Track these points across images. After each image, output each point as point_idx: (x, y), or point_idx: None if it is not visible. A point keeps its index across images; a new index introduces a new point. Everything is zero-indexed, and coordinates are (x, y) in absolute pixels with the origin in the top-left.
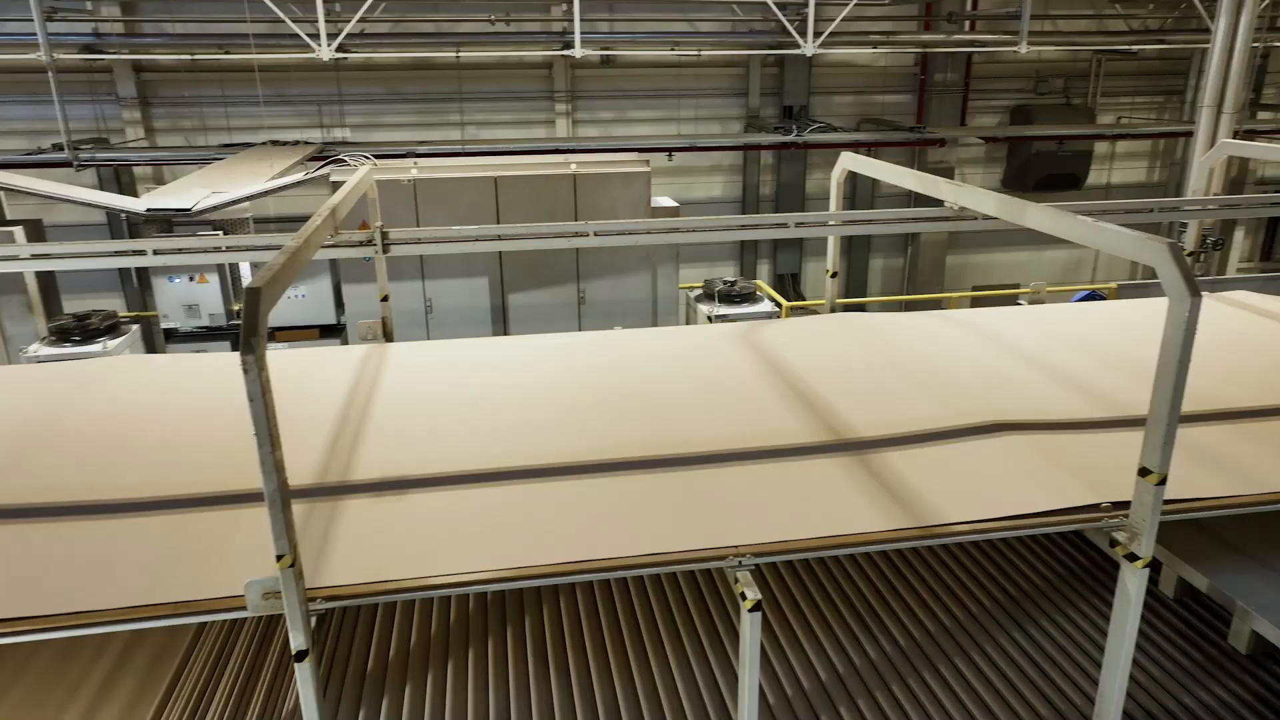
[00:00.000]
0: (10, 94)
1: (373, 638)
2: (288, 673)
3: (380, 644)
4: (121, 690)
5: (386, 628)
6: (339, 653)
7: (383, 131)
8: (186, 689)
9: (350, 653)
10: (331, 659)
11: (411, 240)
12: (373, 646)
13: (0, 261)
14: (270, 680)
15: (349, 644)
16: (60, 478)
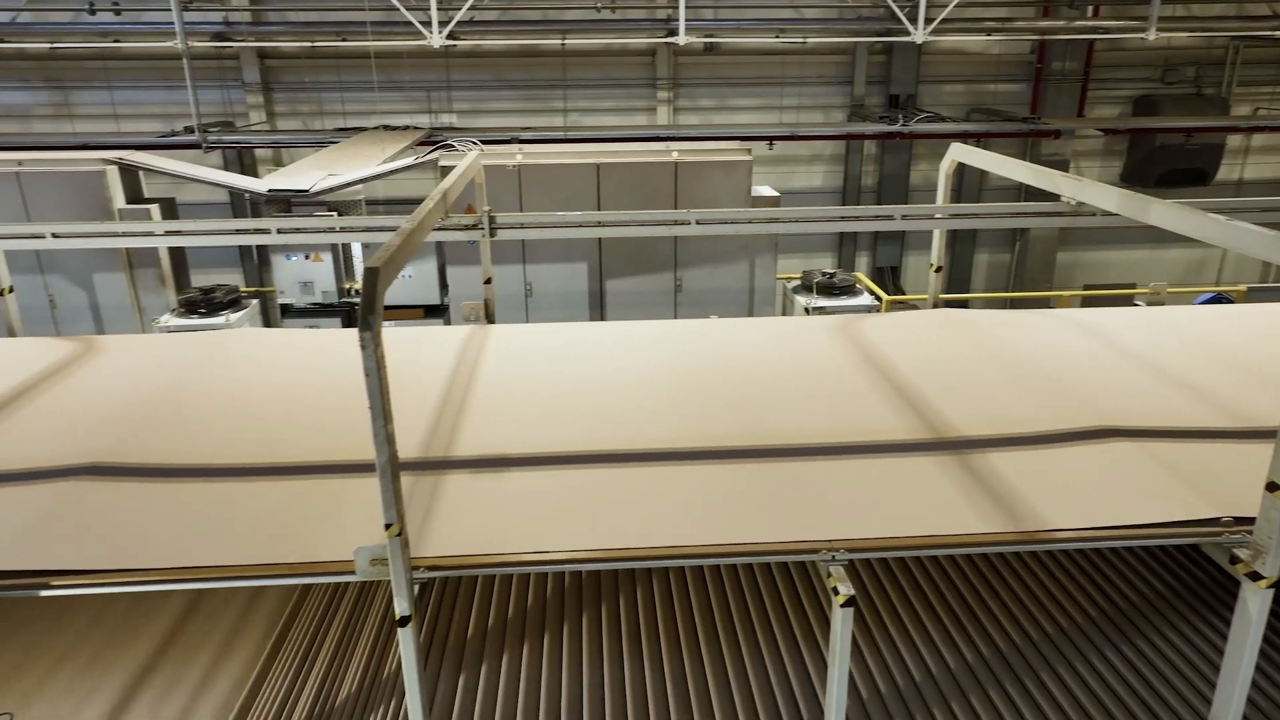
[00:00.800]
0: (148, 79)
1: (472, 608)
2: (388, 637)
3: (478, 614)
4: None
5: (485, 599)
6: (437, 621)
7: (488, 117)
8: (292, 646)
9: (448, 621)
10: (433, 626)
11: (517, 225)
12: (472, 616)
13: (139, 237)
14: (371, 643)
15: (447, 613)
16: (187, 441)
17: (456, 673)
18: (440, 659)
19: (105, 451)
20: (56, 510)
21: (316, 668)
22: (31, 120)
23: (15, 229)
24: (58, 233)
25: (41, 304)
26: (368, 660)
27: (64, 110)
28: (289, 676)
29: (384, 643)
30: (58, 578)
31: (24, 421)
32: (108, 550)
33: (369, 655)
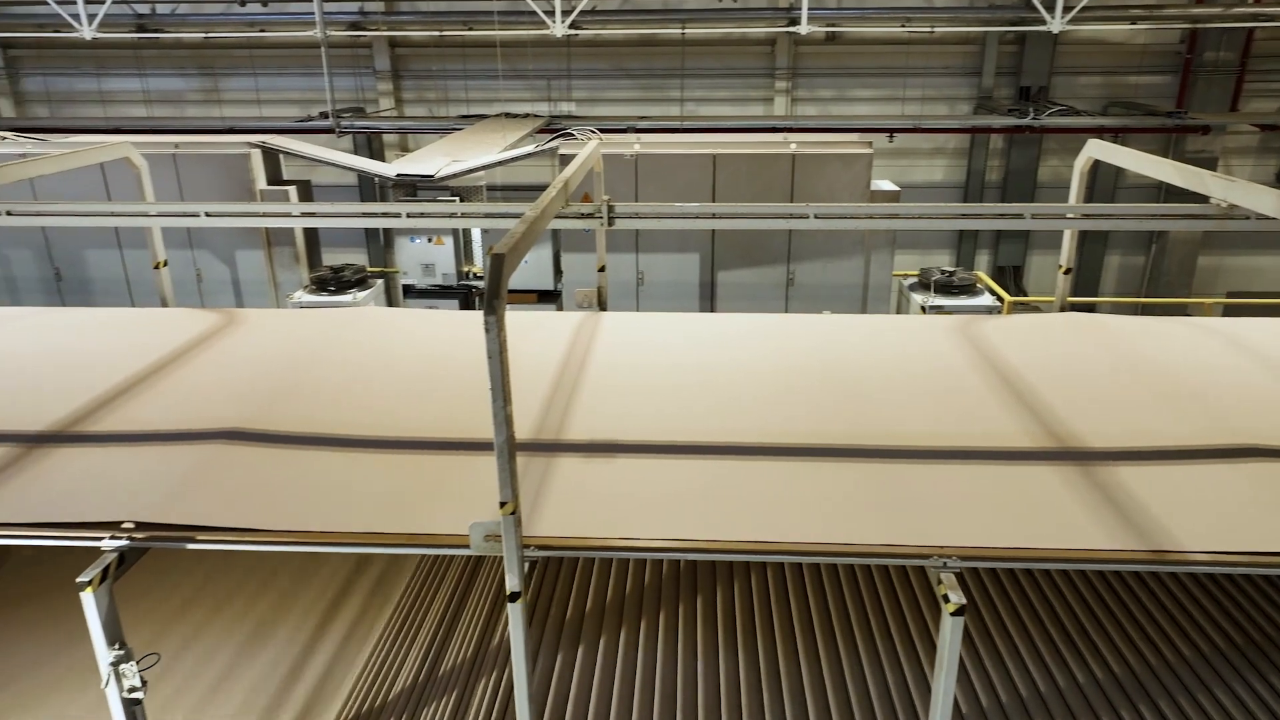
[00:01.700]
0: (289, 67)
1: (572, 587)
2: (495, 611)
3: (578, 594)
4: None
5: (585, 579)
6: (538, 597)
7: (605, 106)
8: (401, 614)
9: (549, 599)
10: (547, 605)
11: (634, 215)
12: (572, 595)
13: (277, 218)
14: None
15: (549, 590)
16: (317, 411)
17: (556, 650)
18: (541, 635)
19: (244, 418)
20: (201, 470)
21: (422, 635)
22: (185, 105)
23: (172, 208)
24: (210, 212)
25: (189, 277)
26: (473, 631)
27: (213, 96)
28: (396, 640)
29: (488, 615)
30: (201, 533)
31: (173, 386)
32: (245, 510)
33: (477, 626)
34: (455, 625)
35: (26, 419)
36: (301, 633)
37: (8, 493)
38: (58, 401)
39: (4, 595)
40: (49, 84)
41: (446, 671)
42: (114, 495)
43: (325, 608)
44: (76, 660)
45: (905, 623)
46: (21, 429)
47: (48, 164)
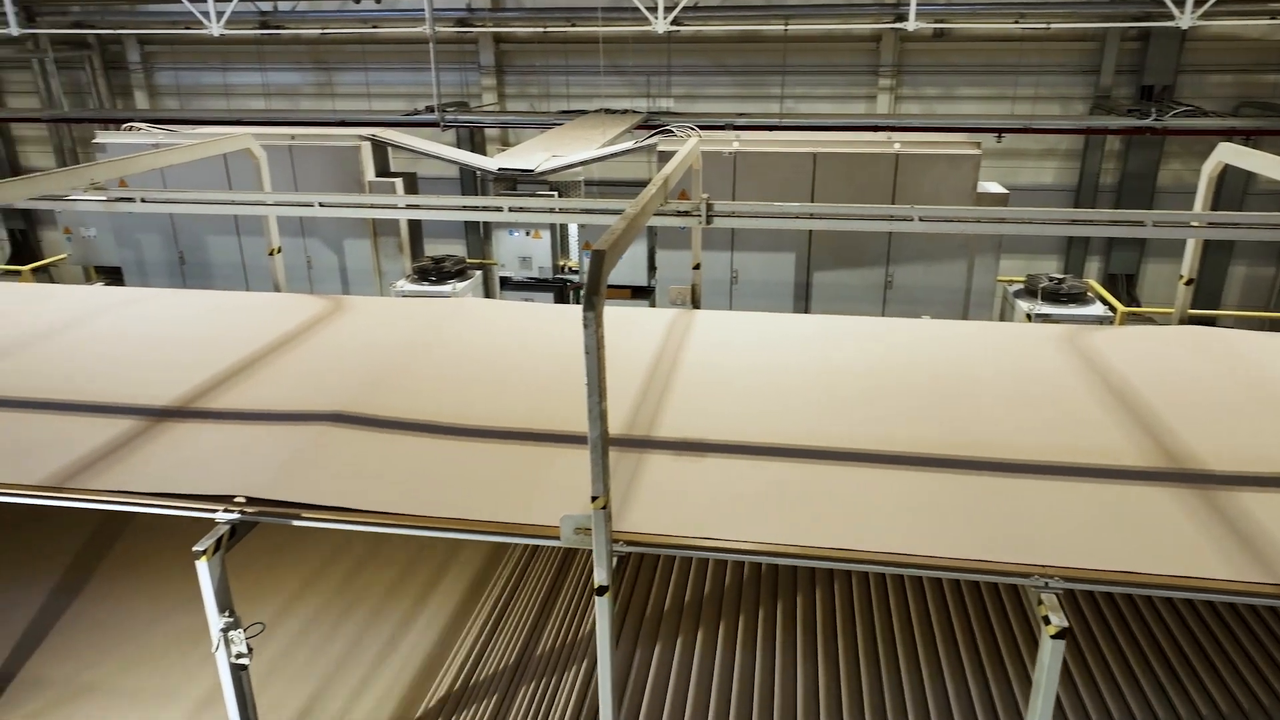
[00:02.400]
0: (397, 62)
1: (653, 583)
2: (581, 603)
3: (659, 589)
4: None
5: (665, 574)
6: (622, 591)
7: (703, 103)
8: (490, 601)
9: (629, 593)
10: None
11: (731, 214)
12: (653, 590)
13: (383, 209)
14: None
15: (629, 584)
16: (416, 398)
17: (634, 644)
18: (619, 627)
19: (348, 401)
20: (307, 451)
21: (510, 622)
22: (300, 98)
23: (288, 198)
24: (323, 202)
25: (300, 264)
26: (559, 621)
27: (327, 90)
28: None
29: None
30: (307, 511)
31: (284, 368)
32: (347, 491)
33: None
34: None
35: (152, 394)
36: (394, 611)
37: (133, 463)
38: (179, 378)
39: (125, 558)
40: (179, 78)
41: (534, 659)
42: (228, 470)
43: (418, 588)
44: (185, 624)
45: (995, 641)
46: (148, 403)
47: (177, 154)
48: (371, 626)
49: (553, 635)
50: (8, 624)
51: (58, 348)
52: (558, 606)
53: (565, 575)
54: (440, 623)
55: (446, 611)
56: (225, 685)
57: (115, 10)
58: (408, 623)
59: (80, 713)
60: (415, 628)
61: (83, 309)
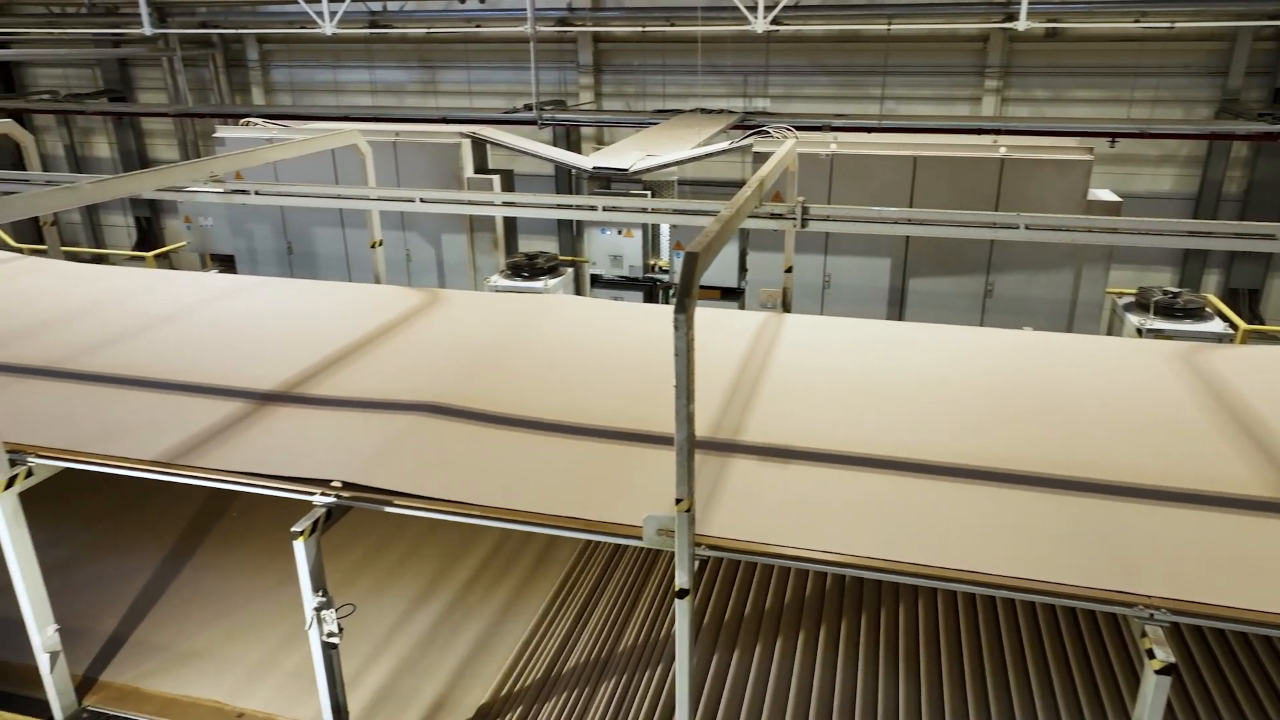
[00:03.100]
0: (498, 61)
1: (730, 588)
2: (662, 604)
3: (738, 595)
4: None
5: (745, 581)
6: (699, 593)
7: (800, 103)
8: (576, 596)
9: (706, 596)
10: (706, 600)
11: (826, 217)
12: (731, 596)
13: (481, 206)
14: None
15: (710, 587)
16: (507, 392)
17: (712, 648)
18: (697, 631)
19: (441, 393)
20: (401, 439)
21: (594, 618)
22: (405, 95)
23: (391, 193)
24: (424, 198)
25: (399, 256)
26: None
27: (430, 87)
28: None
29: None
30: (399, 498)
31: (381, 358)
32: (438, 480)
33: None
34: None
35: (259, 378)
36: (480, 600)
37: (239, 443)
38: (284, 364)
39: (228, 533)
40: (293, 75)
41: (615, 656)
42: (326, 455)
43: (505, 579)
44: (282, 600)
45: (1090, 671)
46: (255, 387)
47: (289, 149)
48: (457, 614)
49: (634, 634)
50: (122, 590)
51: (177, 331)
52: (640, 606)
53: (650, 575)
54: (526, 614)
55: (533, 603)
56: (316, 661)
57: (238, 11)
58: (493, 612)
59: (184, 678)
60: (500, 617)
61: (200, 295)
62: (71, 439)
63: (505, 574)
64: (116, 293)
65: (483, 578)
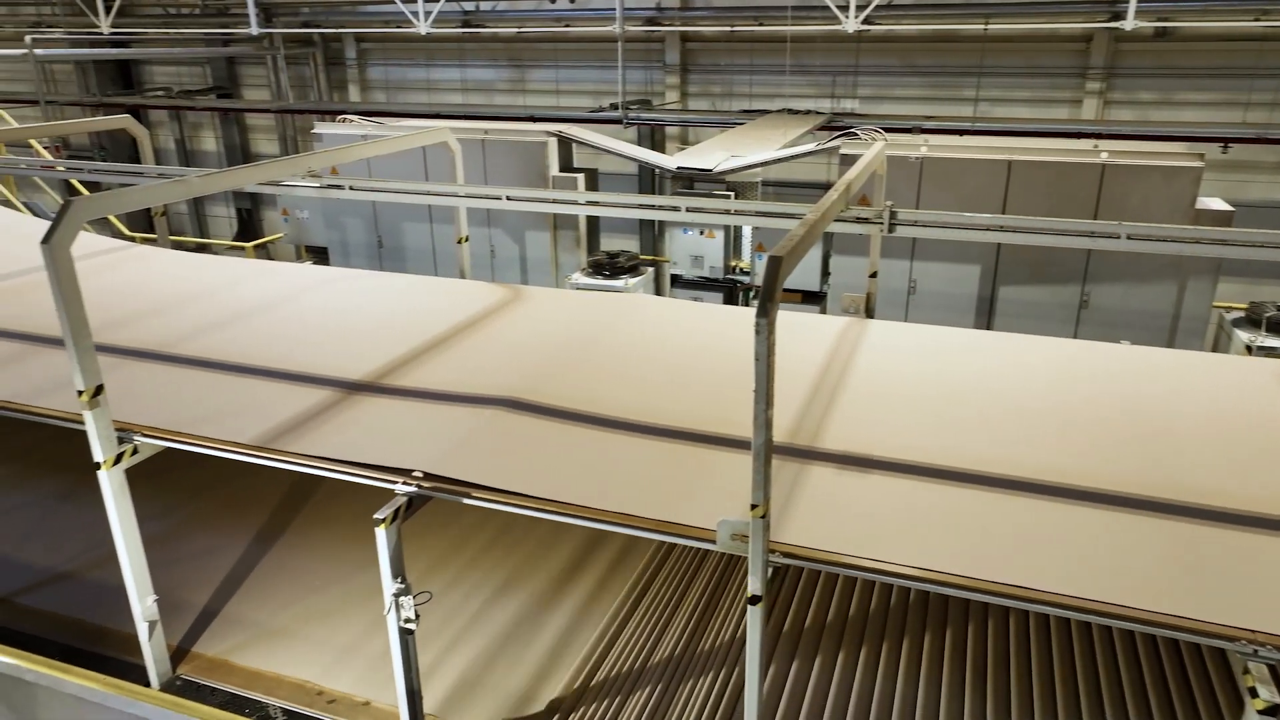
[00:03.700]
0: (585, 60)
1: (795, 593)
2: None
3: (801, 602)
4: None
5: (809, 588)
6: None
7: (890, 104)
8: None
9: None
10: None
11: (918, 222)
12: (794, 602)
13: (565, 204)
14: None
15: (775, 594)
16: (586, 389)
17: (790, 657)
18: (774, 639)
19: (521, 388)
20: (481, 433)
21: (667, 619)
22: (494, 94)
23: (479, 190)
24: (511, 196)
25: (484, 252)
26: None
27: (519, 85)
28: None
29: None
30: (477, 490)
31: (464, 352)
32: (516, 475)
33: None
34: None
35: (347, 367)
36: (556, 595)
37: (326, 430)
38: (371, 355)
39: (314, 516)
40: (388, 73)
41: (685, 658)
42: (408, 445)
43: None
44: (364, 584)
45: (1183, 707)
46: (343, 376)
47: (382, 146)
48: (533, 608)
49: (705, 637)
50: (215, 566)
51: (273, 319)
52: (714, 609)
53: (725, 578)
54: (601, 611)
55: (608, 601)
56: (393, 646)
57: (339, 11)
58: (569, 608)
59: (271, 653)
60: (576, 613)
61: (295, 285)
62: (174, 420)
63: (581, 570)
64: (218, 282)
65: (558, 573)
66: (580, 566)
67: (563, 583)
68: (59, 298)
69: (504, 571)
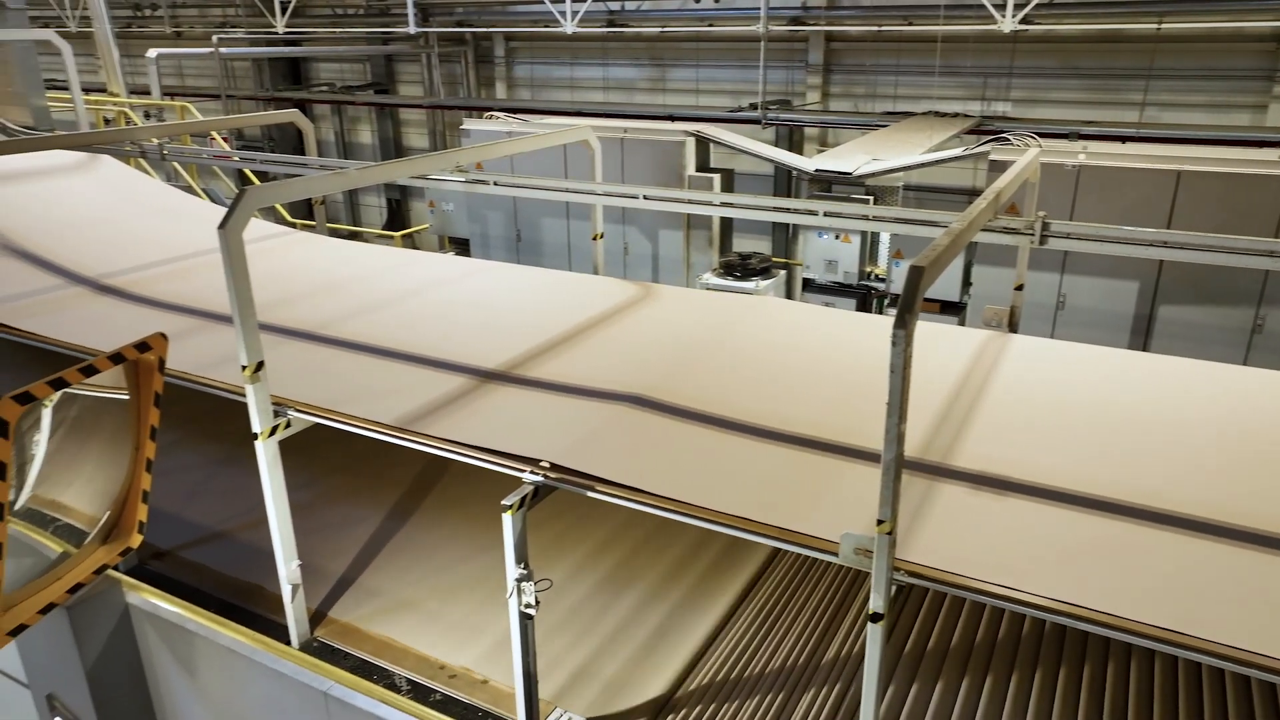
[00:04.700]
0: (726, 59)
1: (936, 620)
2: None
3: (944, 628)
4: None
5: (934, 610)
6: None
7: (1045, 108)
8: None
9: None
10: (909, 632)
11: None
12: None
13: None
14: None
15: (910, 616)
16: (712, 391)
17: (910, 680)
18: (894, 659)
19: (647, 385)
20: (605, 427)
21: (780, 627)
22: (634, 92)
23: (616, 189)
24: (648, 195)
25: (618, 249)
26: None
27: (659, 84)
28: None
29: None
30: (600, 484)
31: (594, 347)
32: (638, 471)
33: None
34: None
35: (482, 356)
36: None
37: (461, 417)
38: (505, 345)
39: (442, 497)
40: (534, 71)
41: (795, 669)
42: (536, 435)
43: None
44: (487, 566)
45: None
46: (477, 364)
47: (526, 143)
48: (643, 602)
49: (818, 649)
50: (351, 537)
51: (416, 306)
52: (827, 621)
53: (839, 591)
54: (711, 611)
55: (719, 602)
56: (513, 629)
57: (490, 10)
58: (677, 605)
59: (401, 624)
60: (684, 611)
61: (438, 275)
62: (323, 398)
63: (691, 569)
64: (368, 269)
65: (670, 570)
66: (689, 565)
67: (673, 578)
68: (230, 279)
69: (614, 563)
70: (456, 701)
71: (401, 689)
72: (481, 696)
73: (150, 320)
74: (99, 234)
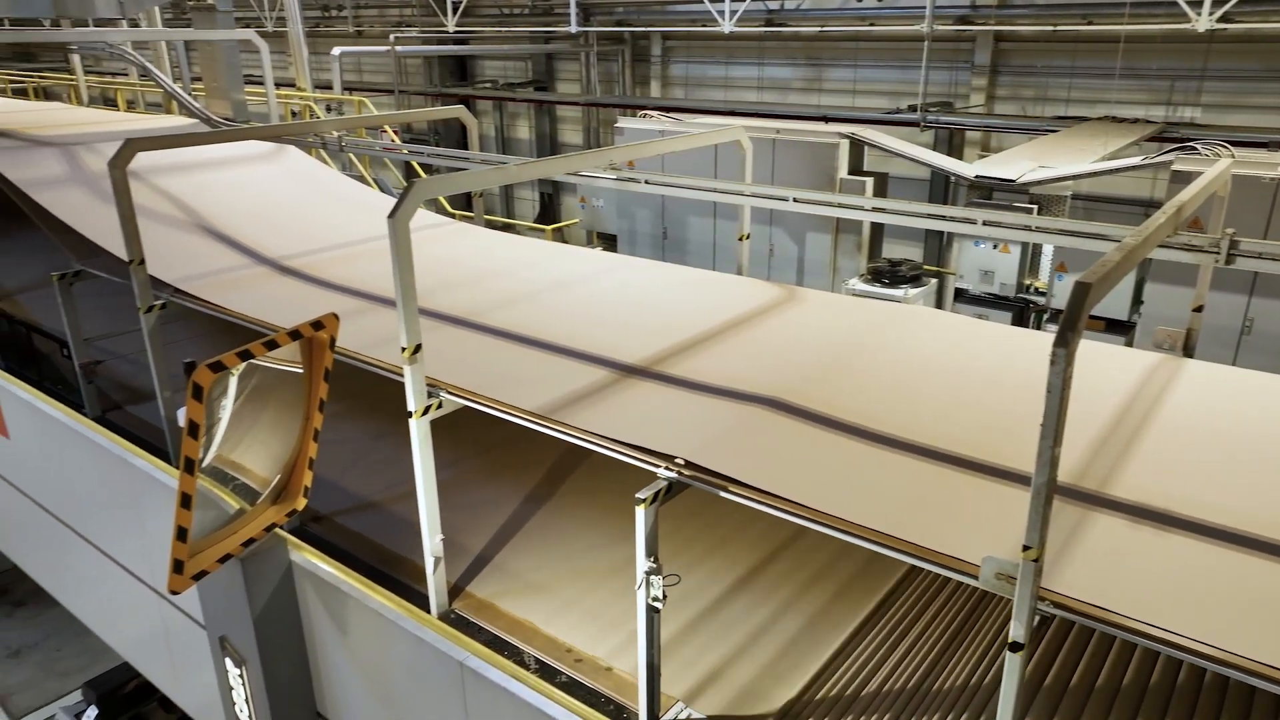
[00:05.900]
0: (886, 59)
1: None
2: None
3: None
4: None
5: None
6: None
7: (1242, 114)
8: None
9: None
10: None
11: (1266, 255)
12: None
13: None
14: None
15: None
16: (851, 399)
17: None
18: (1033, 691)
19: (786, 389)
20: (742, 429)
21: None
22: (789, 92)
23: (766, 190)
24: (797, 198)
25: (763, 250)
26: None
27: (814, 85)
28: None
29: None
30: (733, 485)
31: (734, 347)
32: (772, 475)
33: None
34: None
35: (624, 350)
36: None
37: (600, 409)
38: (646, 341)
39: (576, 486)
40: (689, 70)
41: (923, 691)
42: (673, 431)
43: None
44: (618, 557)
45: None
46: (619, 359)
47: (678, 143)
48: (772, 608)
49: (949, 672)
50: (490, 517)
51: (564, 298)
52: (960, 644)
53: (974, 615)
54: (840, 623)
55: (849, 614)
56: (639, 622)
57: (649, 10)
58: (807, 614)
59: (530, 605)
60: (813, 621)
61: (586, 268)
62: (472, 382)
63: (824, 579)
64: (520, 260)
65: (803, 579)
66: (825, 574)
67: (805, 587)
68: (396, 265)
69: (744, 566)
70: (581, 685)
71: (530, 667)
72: (606, 683)
73: (322, 300)
74: (282, 218)
